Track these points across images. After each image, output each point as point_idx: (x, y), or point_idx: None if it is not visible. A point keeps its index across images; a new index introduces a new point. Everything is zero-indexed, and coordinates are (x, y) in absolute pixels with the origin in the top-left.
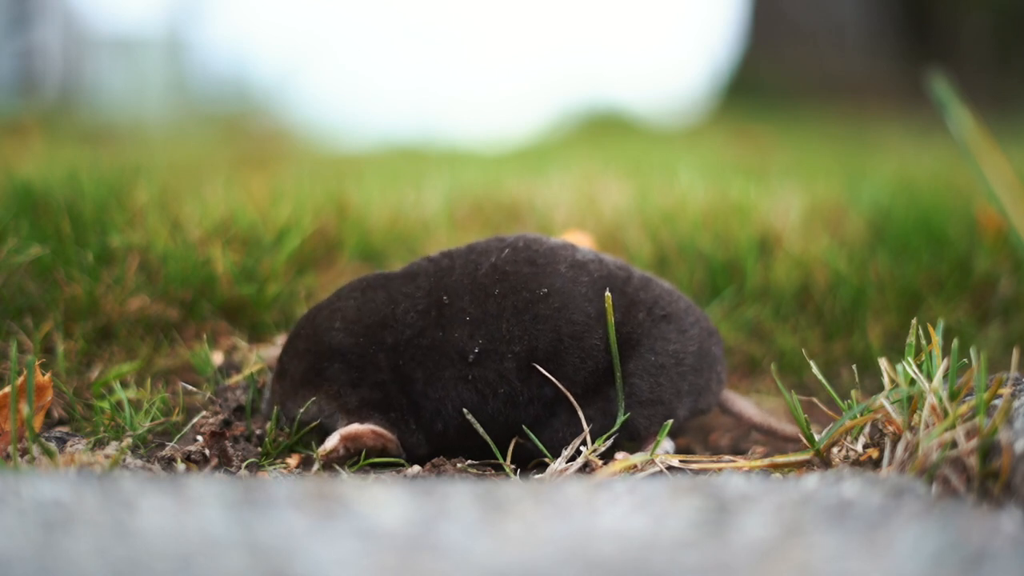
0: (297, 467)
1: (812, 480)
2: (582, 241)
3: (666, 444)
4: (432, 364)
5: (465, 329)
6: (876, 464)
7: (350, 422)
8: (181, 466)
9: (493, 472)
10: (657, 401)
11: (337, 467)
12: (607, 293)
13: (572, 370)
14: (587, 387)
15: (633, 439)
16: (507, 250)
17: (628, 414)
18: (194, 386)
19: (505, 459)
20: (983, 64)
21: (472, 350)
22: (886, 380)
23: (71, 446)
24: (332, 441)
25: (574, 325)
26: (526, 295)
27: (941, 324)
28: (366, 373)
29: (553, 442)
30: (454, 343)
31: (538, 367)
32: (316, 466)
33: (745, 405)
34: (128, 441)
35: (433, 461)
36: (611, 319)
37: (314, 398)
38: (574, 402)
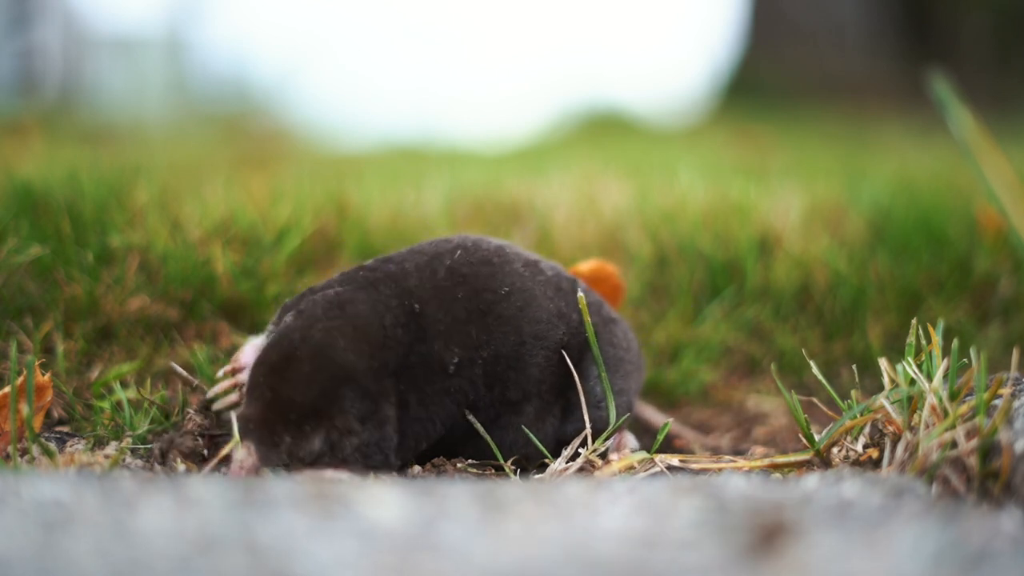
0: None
1: (812, 480)
2: (610, 271)
3: (630, 440)
4: (421, 381)
5: (441, 339)
6: (876, 464)
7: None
8: (181, 466)
9: (493, 472)
10: (619, 392)
11: None
12: (580, 294)
13: (537, 371)
14: (551, 386)
15: (597, 434)
16: (458, 251)
17: (621, 415)
18: (189, 373)
19: (506, 461)
20: (983, 64)
21: (452, 361)
22: (886, 380)
23: (71, 446)
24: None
25: (537, 324)
26: (488, 296)
27: (941, 324)
28: (378, 407)
29: (516, 443)
30: (437, 356)
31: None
32: None
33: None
34: (128, 441)
35: (433, 461)
36: (588, 317)
37: (322, 434)
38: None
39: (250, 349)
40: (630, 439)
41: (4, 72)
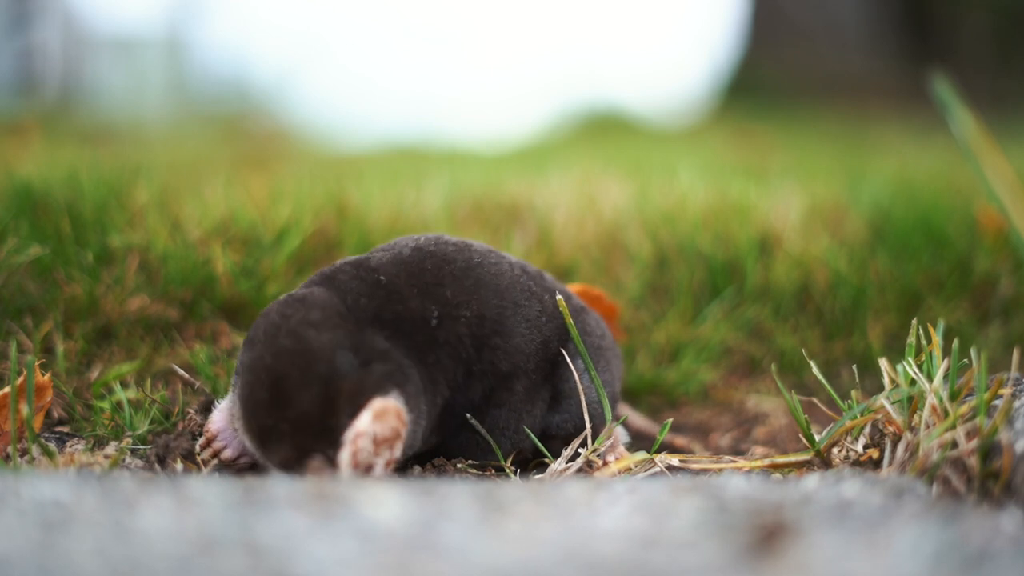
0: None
1: (812, 480)
2: (596, 293)
3: (623, 435)
4: (406, 331)
5: (416, 299)
6: (876, 464)
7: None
8: (179, 466)
9: (493, 472)
10: (604, 384)
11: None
12: (558, 297)
13: (523, 341)
14: (538, 366)
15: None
16: (421, 239)
17: (612, 407)
18: (189, 374)
19: (506, 461)
20: (983, 64)
21: (432, 315)
22: (886, 380)
23: (71, 446)
24: (363, 422)
25: (513, 291)
26: (460, 263)
27: (941, 324)
28: (369, 347)
29: (508, 426)
30: (415, 311)
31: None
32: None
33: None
34: (128, 441)
35: (433, 461)
36: (568, 316)
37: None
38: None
39: (218, 415)
40: (622, 433)
41: (4, 72)
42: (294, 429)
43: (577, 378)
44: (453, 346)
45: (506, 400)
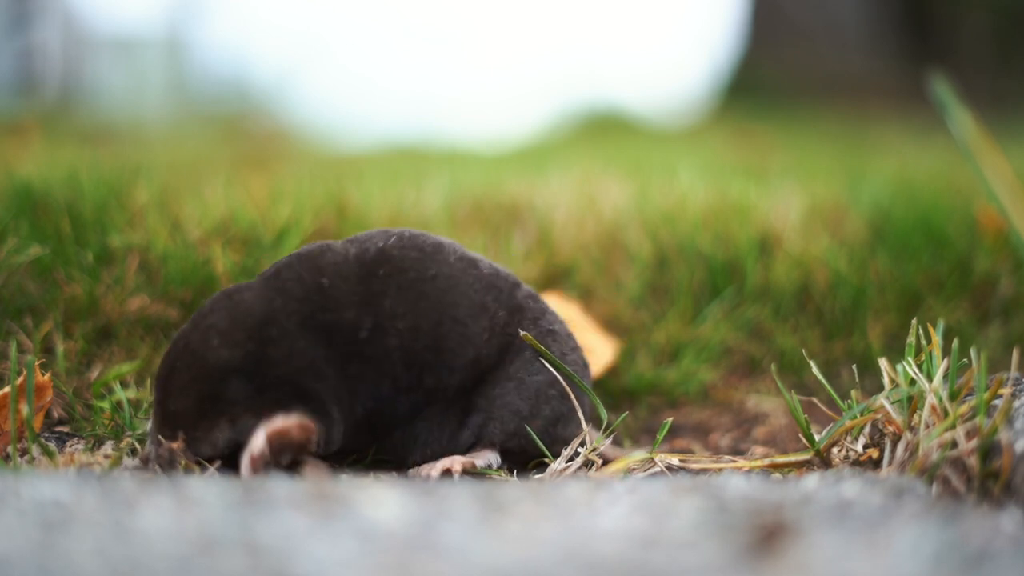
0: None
1: (812, 480)
2: (572, 311)
3: (491, 456)
4: (332, 341)
5: (354, 309)
6: (876, 464)
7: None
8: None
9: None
10: (517, 412)
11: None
12: (523, 332)
13: (450, 356)
14: (463, 381)
15: (475, 444)
16: (394, 238)
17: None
18: None
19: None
20: (983, 64)
21: (365, 326)
22: (886, 380)
23: (71, 446)
24: (258, 442)
25: (457, 308)
26: (412, 275)
27: (941, 324)
28: (267, 373)
29: (423, 435)
30: (346, 322)
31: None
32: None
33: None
34: (128, 441)
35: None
36: (537, 345)
37: (222, 427)
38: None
39: None
40: (493, 456)
41: (4, 72)
42: (162, 415)
43: (504, 398)
44: (380, 360)
45: (428, 415)
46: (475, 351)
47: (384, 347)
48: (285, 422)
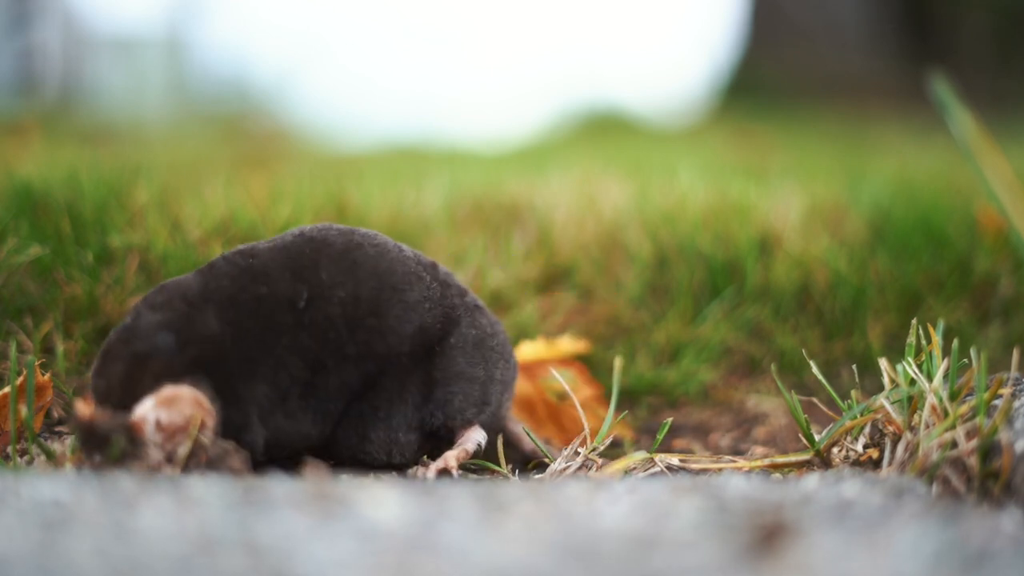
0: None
1: (812, 480)
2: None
3: (476, 435)
4: (263, 313)
5: (285, 282)
6: (876, 464)
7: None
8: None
9: (492, 473)
10: (473, 378)
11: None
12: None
13: (396, 321)
14: (415, 349)
15: (444, 431)
16: (308, 227)
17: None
18: None
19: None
20: (983, 64)
21: (301, 296)
22: (886, 380)
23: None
24: (144, 406)
25: (393, 275)
26: (339, 246)
27: (941, 324)
28: (190, 331)
29: (383, 407)
30: (281, 292)
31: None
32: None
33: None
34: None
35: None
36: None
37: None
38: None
39: None
40: (479, 433)
41: (4, 72)
42: (101, 398)
43: (456, 366)
44: (320, 327)
45: (384, 386)
46: (419, 318)
47: (326, 315)
48: (177, 389)
